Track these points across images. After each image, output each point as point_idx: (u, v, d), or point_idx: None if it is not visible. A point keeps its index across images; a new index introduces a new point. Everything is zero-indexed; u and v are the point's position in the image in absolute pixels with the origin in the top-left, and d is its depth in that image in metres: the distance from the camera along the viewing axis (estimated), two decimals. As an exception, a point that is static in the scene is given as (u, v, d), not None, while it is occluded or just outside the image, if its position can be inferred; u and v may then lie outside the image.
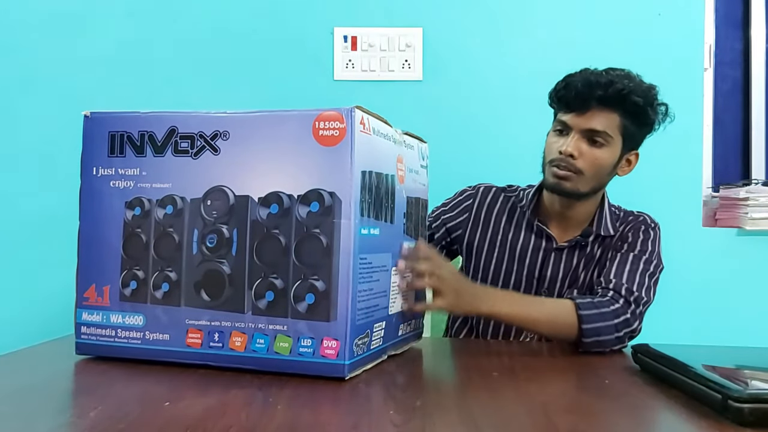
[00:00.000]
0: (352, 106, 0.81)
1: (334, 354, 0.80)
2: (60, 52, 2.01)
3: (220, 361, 0.84)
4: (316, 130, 0.81)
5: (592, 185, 1.24)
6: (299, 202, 0.82)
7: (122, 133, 0.89)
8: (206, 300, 0.85)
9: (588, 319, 1.07)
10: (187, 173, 0.86)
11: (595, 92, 1.17)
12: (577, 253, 1.29)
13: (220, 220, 0.85)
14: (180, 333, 0.85)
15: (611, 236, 1.28)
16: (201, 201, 0.85)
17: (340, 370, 0.80)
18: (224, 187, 0.85)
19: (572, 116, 1.20)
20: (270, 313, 0.82)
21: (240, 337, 0.83)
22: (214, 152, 0.85)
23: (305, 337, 0.81)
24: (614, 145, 1.21)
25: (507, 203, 1.36)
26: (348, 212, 0.80)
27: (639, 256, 1.21)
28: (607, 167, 1.23)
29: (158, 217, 0.87)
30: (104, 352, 0.88)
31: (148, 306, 0.87)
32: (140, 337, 0.87)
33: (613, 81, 1.17)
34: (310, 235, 0.81)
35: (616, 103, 1.18)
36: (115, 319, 0.88)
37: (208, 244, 0.85)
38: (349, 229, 0.80)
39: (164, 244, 0.87)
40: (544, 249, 1.30)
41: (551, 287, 1.29)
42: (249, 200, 0.84)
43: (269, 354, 0.82)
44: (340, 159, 0.80)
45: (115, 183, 0.89)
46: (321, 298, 0.80)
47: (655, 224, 1.29)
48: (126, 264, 0.88)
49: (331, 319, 0.80)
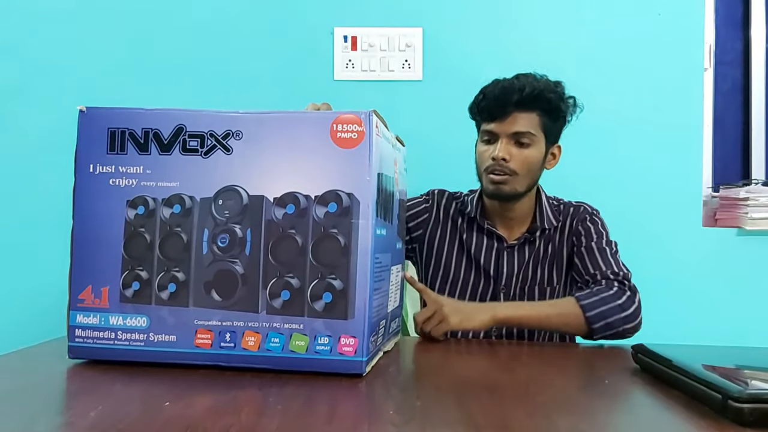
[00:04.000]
0: (370, 110, 0.83)
1: (352, 351, 0.82)
2: (60, 52, 2.00)
3: (231, 361, 0.84)
4: (334, 132, 0.83)
5: (527, 183, 1.31)
6: (316, 202, 0.83)
7: (123, 130, 0.87)
8: (217, 300, 0.85)
9: (589, 307, 1.16)
10: (197, 172, 0.85)
11: (512, 97, 1.25)
12: (526, 248, 1.37)
13: (232, 220, 0.85)
14: (188, 334, 0.85)
15: (554, 228, 1.37)
16: (212, 200, 0.85)
17: (359, 367, 0.82)
18: (237, 187, 0.85)
19: (496, 124, 1.28)
20: (285, 312, 0.83)
21: (253, 336, 0.83)
22: (226, 152, 0.85)
23: (322, 335, 0.82)
24: (539, 143, 1.30)
25: (457, 208, 1.43)
26: (366, 213, 0.82)
27: (599, 242, 1.32)
28: (537, 164, 1.31)
29: (164, 217, 0.86)
30: (101, 356, 0.86)
31: (153, 307, 0.85)
32: (144, 339, 0.85)
33: (526, 84, 1.26)
34: (327, 235, 0.82)
35: (533, 104, 1.26)
36: (114, 321, 0.86)
37: (219, 244, 0.85)
38: (366, 229, 0.82)
39: (171, 244, 0.86)
40: (496, 248, 1.37)
41: (508, 284, 1.35)
42: (263, 200, 0.84)
43: (284, 353, 0.82)
44: (358, 161, 0.82)
45: (115, 181, 0.87)
46: (338, 296, 0.82)
47: (595, 210, 1.39)
48: (127, 264, 0.86)
49: (348, 318, 0.82)
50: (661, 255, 1.91)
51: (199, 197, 0.85)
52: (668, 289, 1.90)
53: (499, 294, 1.36)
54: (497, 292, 1.36)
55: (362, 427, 0.65)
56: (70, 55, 2.01)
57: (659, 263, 1.89)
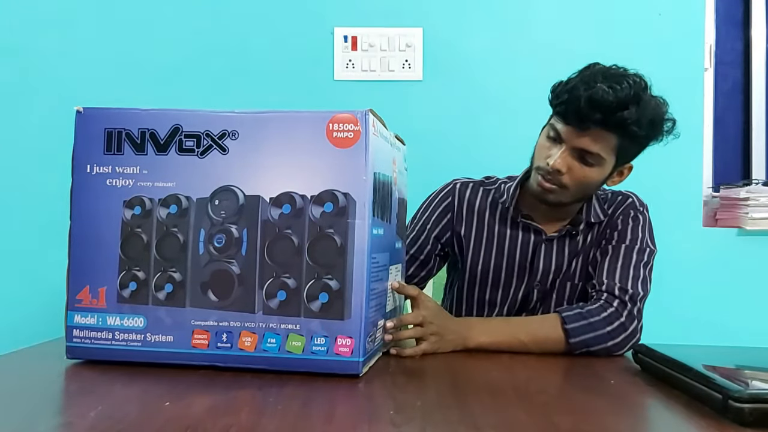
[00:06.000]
0: (366, 110, 0.82)
1: (348, 351, 0.81)
2: (59, 52, 2.00)
3: (228, 362, 0.83)
4: (330, 131, 0.82)
5: (577, 198, 1.21)
6: (312, 202, 0.82)
7: (120, 130, 0.87)
8: (214, 300, 0.84)
9: (575, 332, 1.06)
10: (193, 172, 0.85)
11: (596, 115, 1.09)
12: (567, 242, 1.26)
13: (228, 220, 0.84)
14: (185, 334, 0.84)
15: (600, 222, 1.26)
16: (208, 201, 0.85)
17: (355, 367, 0.81)
18: (233, 187, 0.84)
19: (567, 130, 1.14)
20: (282, 312, 0.83)
21: (250, 336, 0.83)
22: (223, 152, 0.85)
23: (319, 336, 0.82)
24: (606, 164, 1.16)
25: (488, 197, 1.31)
26: (362, 213, 0.81)
27: (631, 246, 1.19)
28: (595, 183, 1.19)
29: (161, 217, 0.85)
30: (99, 356, 0.86)
31: (150, 307, 0.85)
32: (141, 339, 0.85)
33: (619, 105, 1.08)
34: (323, 235, 0.82)
35: (616, 128, 1.11)
36: (112, 321, 0.86)
37: (215, 244, 0.85)
38: (363, 229, 0.81)
39: (167, 244, 0.85)
40: (533, 241, 1.27)
41: (543, 279, 1.27)
42: (260, 200, 0.84)
43: (281, 353, 0.82)
44: (354, 161, 0.82)
45: (112, 181, 0.86)
46: (335, 297, 0.81)
47: (644, 206, 1.26)
48: (124, 265, 0.86)
49: (345, 318, 0.81)
50: (661, 255, 1.90)
51: (195, 197, 0.85)
52: (668, 289, 1.89)
53: (532, 290, 1.27)
54: (530, 288, 1.27)
55: (362, 427, 0.65)
56: (68, 55, 2.01)
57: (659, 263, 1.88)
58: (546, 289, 1.27)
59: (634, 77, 1.12)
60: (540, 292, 1.27)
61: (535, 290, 1.27)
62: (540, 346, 1.06)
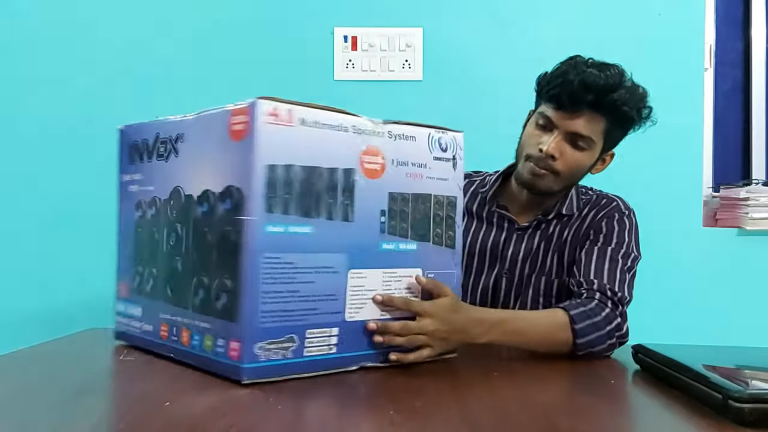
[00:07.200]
0: (257, 98, 0.78)
1: (236, 355, 0.77)
2: (59, 52, 2.00)
3: (178, 355, 0.87)
4: (231, 125, 0.80)
5: (566, 184, 1.23)
6: (218, 199, 0.81)
7: (134, 142, 0.98)
8: (169, 296, 0.89)
9: (582, 332, 1.03)
10: (162, 175, 0.92)
11: (588, 96, 1.13)
12: (538, 233, 1.27)
13: (176, 219, 0.89)
14: (157, 325, 0.92)
15: (573, 215, 1.26)
16: (167, 201, 0.91)
17: (237, 373, 0.76)
18: (179, 188, 0.89)
19: (559, 114, 1.16)
20: (202, 311, 0.84)
21: (186, 332, 0.86)
22: (176, 155, 0.90)
23: (219, 337, 0.80)
24: (595, 149, 1.19)
25: (470, 188, 1.35)
26: (254, 209, 0.76)
27: (617, 249, 1.18)
28: (584, 169, 1.22)
29: (148, 218, 0.94)
30: (123, 339, 0.99)
31: (143, 299, 0.95)
32: (139, 327, 0.95)
33: (610, 87, 1.13)
34: (224, 232, 0.80)
35: (607, 109, 1.15)
36: (127, 310, 0.98)
37: (171, 243, 0.89)
38: (255, 226, 0.76)
39: (149, 243, 0.94)
40: (506, 230, 1.29)
41: (512, 267, 1.27)
42: (191, 199, 0.86)
43: (200, 351, 0.83)
44: (244, 153, 0.77)
45: (131, 188, 0.98)
46: (231, 297, 0.78)
47: (630, 210, 1.26)
48: (133, 261, 0.97)
49: (235, 320, 0.77)
50: (661, 255, 1.90)
51: (162, 199, 0.92)
52: (668, 289, 1.90)
53: (501, 278, 1.28)
54: (499, 276, 1.28)
55: (362, 427, 0.65)
56: (67, 55, 2.01)
57: (659, 263, 1.88)
58: (516, 279, 1.28)
59: (616, 66, 1.17)
60: (510, 282, 1.28)
61: (504, 278, 1.28)
62: (548, 347, 1.03)
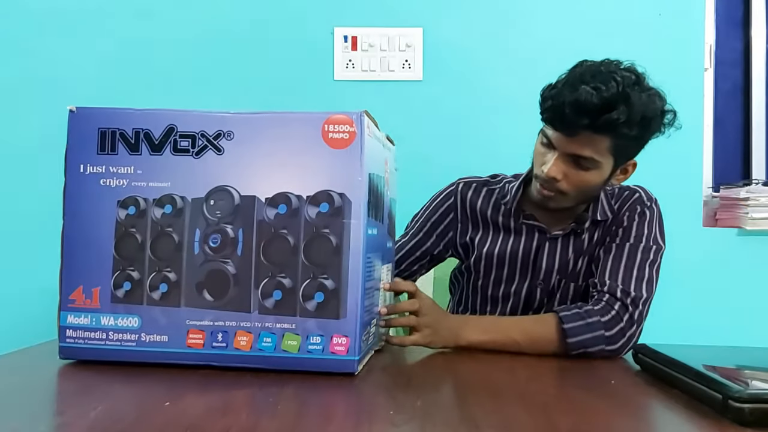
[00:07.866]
0: (361, 111, 0.83)
1: (344, 350, 0.82)
2: (58, 52, 2.00)
3: (223, 361, 0.84)
4: (326, 132, 0.83)
5: (579, 200, 1.20)
6: (308, 202, 0.83)
7: (114, 130, 0.86)
8: (209, 300, 0.85)
9: (573, 332, 1.03)
10: (188, 172, 0.85)
11: (582, 120, 1.05)
12: (572, 241, 1.23)
13: (224, 220, 0.85)
14: (180, 334, 0.84)
15: (607, 219, 1.22)
16: (203, 201, 0.85)
17: (351, 366, 0.82)
18: (229, 187, 0.85)
19: (557, 136, 1.11)
20: (278, 311, 0.83)
21: (245, 336, 0.84)
22: (218, 152, 0.85)
23: (314, 335, 0.82)
24: (603, 167, 1.12)
25: (491, 197, 1.30)
26: (358, 213, 0.82)
27: (635, 245, 1.15)
28: (596, 185, 1.16)
29: (155, 217, 0.86)
30: (93, 356, 0.86)
31: (145, 307, 0.85)
32: (135, 339, 0.85)
33: (606, 107, 1.04)
34: (319, 235, 0.83)
35: (607, 130, 1.07)
36: (106, 321, 0.86)
37: (211, 244, 0.85)
38: (358, 229, 0.82)
39: (162, 244, 0.86)
40: (537, 239, 1.25)
41: (546, 278, 1.25)
42: (255, 200, 0.84)
43: (276, 352, 0.83)
44: (350, 161, 0.83)
45: (105, 181, 0.86)
46: (330, 296, 0.82)
47: (652, 200, 1.22)
48: (119, 265, 0.86)
49: (340, 317, 0.82)
50: (661, 255, 1.91)
51: (190, 197, 0.85)
52: (668, 289, 1.89)
53: (535, 289, 1.25)
54: (533, 287, 1.26)
55: (362, 427, 0.65)
56: (66, 55, 2.01)
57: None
58: (550, 288, 1.26)
59: (623, 73, 1.08)
60: (544, 291, 1.26)
61: (538, 289, 1.26)
62: (534, 346, 1.04)
